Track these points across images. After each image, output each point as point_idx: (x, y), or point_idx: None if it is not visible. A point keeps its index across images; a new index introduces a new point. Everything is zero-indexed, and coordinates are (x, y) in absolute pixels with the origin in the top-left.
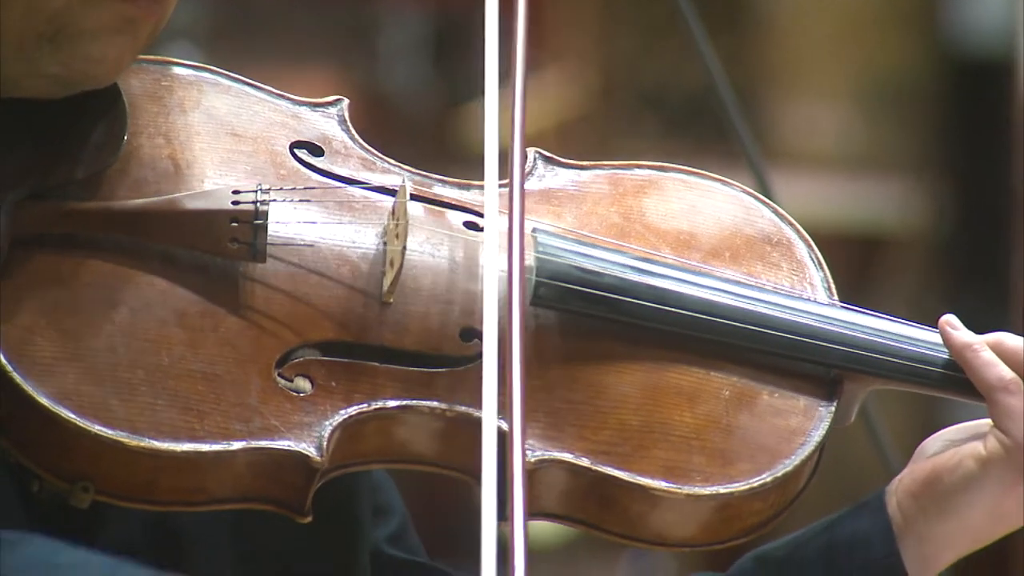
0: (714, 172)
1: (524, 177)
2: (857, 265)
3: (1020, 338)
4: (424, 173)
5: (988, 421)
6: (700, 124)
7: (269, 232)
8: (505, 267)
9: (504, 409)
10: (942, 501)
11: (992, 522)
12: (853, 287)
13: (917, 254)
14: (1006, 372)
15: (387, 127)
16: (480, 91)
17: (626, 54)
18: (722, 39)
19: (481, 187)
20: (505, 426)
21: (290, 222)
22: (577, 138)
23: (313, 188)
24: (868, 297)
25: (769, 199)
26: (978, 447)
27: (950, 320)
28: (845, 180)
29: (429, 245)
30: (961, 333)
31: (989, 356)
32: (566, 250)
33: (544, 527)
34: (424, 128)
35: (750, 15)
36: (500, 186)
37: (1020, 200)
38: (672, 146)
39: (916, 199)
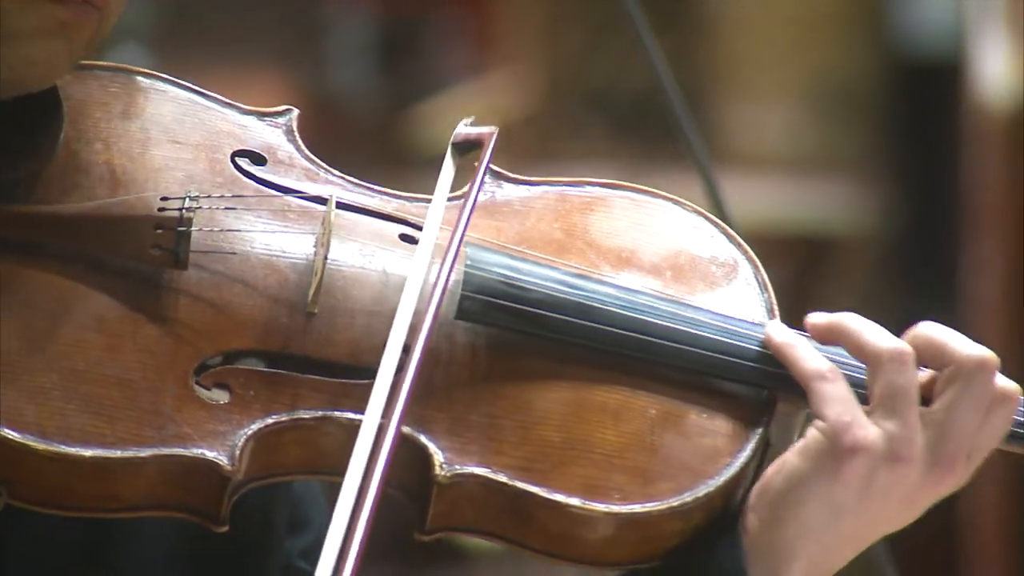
0: (661, 173)
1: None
2: (805, 266)
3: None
4: (368, 185)
5: None
6: (647, 124)
7: (194, 239)
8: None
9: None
10: (775, 506)
11: (831, 519)
12: (801, 289)
13: (866, 255)
14: (823, 362)
15: (334, 130)
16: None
17: (572, 54)
18: (669, 38)
19: (424, 200)
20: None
21: (218, 230)
22: (523, 139)
23: (244, 196)
24: (816, 299)
25: (716, 199)
26: (798, 442)
27: (770, 329)
28: (793, 181)
29: (361, 256)
30: (778, 334)
31: (806, 349)
32: (494, 264)
33: None
34: (371, 130)
35: (697, 14)
36: (449, 199)
37: (968, 201)
38: (618, 147)
39: (864, 200)
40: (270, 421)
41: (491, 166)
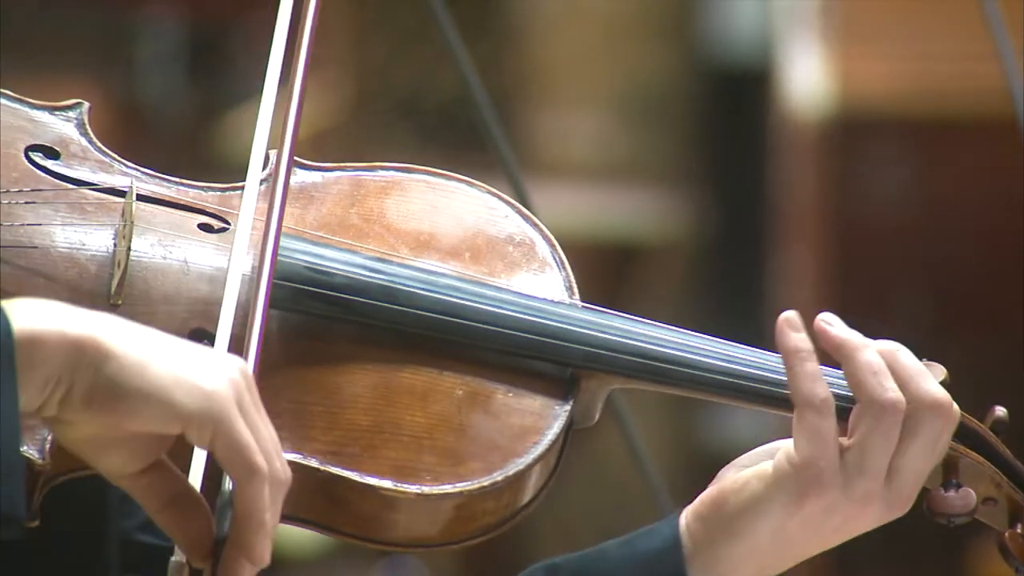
0: (470, 180)
1: (287, 188)
2: (615, 274)
3: (860, 353)
4: (164, 176)
5: (779, 444)
6: (455, 132)
7: None
8: (245, 270)
9: None
10: (728, 523)
11: (779, 546)
12: (611, 296)
13: (676, 263)
14: (823, 390)
15: (144, 136)
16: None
17: (379, 61)
18: (478, 46)
19: (218, 189)
20: None
21: (18, 224)
22: (332, 147)
23: (42, 190)
24: (626, 306)
25: (526, 207)
26: (765, 467)
27: (790, 320)
28: (603, 189)
29: (161, 247)
30: (797, 336)
31: (813, 368)
32: (297, 251)
33: (299, 537)
34: (180, 137)
35: (506, 22)
36: (233, 188)
37: (777, 208)
38: (427, 154)
39: (675, 207)
40: None
41: None
